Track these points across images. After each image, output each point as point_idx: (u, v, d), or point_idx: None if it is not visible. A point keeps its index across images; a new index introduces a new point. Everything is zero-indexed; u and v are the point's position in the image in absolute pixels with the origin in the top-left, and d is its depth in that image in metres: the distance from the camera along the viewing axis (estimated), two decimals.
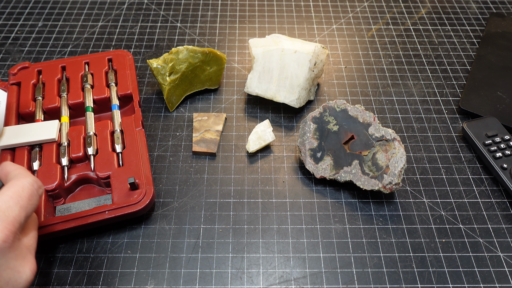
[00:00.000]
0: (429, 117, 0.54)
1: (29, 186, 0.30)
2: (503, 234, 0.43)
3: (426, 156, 0.49)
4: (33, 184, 0.30)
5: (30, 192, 0.30)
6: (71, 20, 0.66)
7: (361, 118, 0.45)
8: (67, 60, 0.54)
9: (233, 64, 0.60)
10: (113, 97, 0.50)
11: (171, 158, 0.48)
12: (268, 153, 0.49)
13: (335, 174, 0.45)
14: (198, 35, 0.64)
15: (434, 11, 0.70)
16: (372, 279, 0.39)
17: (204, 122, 0.51)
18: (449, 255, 0.41)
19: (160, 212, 0.44)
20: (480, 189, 0.46)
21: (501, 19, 0.67)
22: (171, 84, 0.51)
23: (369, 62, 0.61)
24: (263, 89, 0.51)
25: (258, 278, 0.39)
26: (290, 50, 0.50)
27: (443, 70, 0.60)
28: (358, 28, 0.66)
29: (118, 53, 0.54)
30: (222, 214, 0.44)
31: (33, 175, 0.31)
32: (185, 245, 0.41)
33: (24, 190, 0.29)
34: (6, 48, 0.61)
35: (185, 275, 0.39)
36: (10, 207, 0.28)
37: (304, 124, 0.47)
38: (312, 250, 0.41)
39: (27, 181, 0.30)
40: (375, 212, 0.44)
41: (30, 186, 0.30)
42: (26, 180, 0.30)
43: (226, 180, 0.47)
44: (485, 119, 0.51)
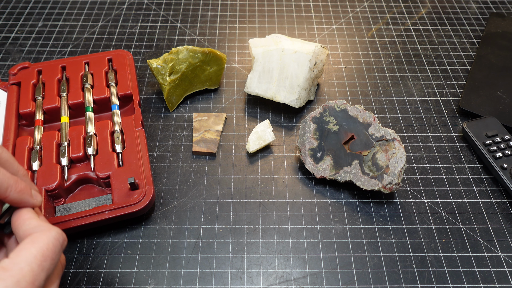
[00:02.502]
0: (429, 117, 0.54)
1: (55, 242, 0.27)
2: (503, 234, 0.43)
3: (426, 156, 0.49)
4: (58, 239, 0.27)
5: (55, 249, 0.27)
6: (71, 20, 0.66)
7: (361, 118, 0.45)
8: (67, 60, 0.54)
9: (233, 64, 0.60)
10: (113, 97, 0.50)
11: (171, 158, 0.48)
12: (268, 153, 0.49)
13: (335, 174, 0.45)
14: (198, 35, 0.64)
15: (434, 11, 0.70)
16: (372, 279, 0.39)
17: (204, 122, 0.51)
18: (449, 255, 0.41)
19: (160, 212, 0.44)
20: (480, 189, 0.46)
21: (501, 19, 0.67)
22: (171, 84, 0.51)
23: (369, 62, 0.61)
24: (263, 89, 0.51)
25: (258, 278, 0.39)
26: (290, 50, 0.50)
27: (443, 70, 0.60)
28: (358, 28, 0.66)
29: (118, 53, 0.54)
30: (222, 214, 0.44)
31: (57, 227, 0.28)
32: (185, 245, 0.41)
33: (49, 248, 0.26)
34: (6, 48, 0.61)
35: (185, 275, 0.39)
36: (33, 271, 0.25)
37: (304, 124, 0.47)
38: (312, 250, 0.41)
39: (52, 235, 0.27)
40: (375, 212, 0.44)
41: (56, 241, 0.27)
42: (51, 235, 0.27)
43: (226, 180, 0.47)
44: (485, 119, 0.51)
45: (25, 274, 0.24)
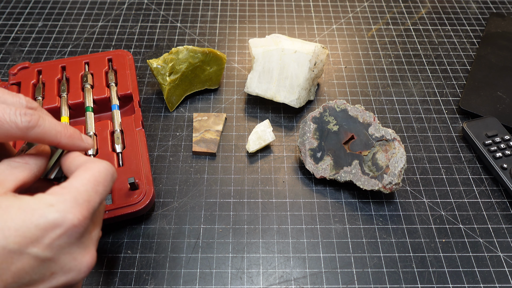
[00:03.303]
0: (429, 117, 0.54)
1: (105, 170, 0.27)
2: (503, 234, 0.43)
3: (426, 156, 0.49)
4: (109, 169, 0.28)
5: (106, 176, 0.27)
6: (71, 20, 0.66)
7: (361, 118, 0.45)
8: (67, 60, 0.54)
9: (233, 64, 0.60)
10: (113, 97, 0.50)
11: (171, 158, 0.48)
12: (268, 153, 0.49)
13: (335, 174, 0.45)
14: (198, 35, 0.64)
15: (434, 11, 0.70)
16: (372, 279, 0.39)
17: (204, 122, 0.51)
18: (449, 255, 0.41)
19: (160, 212, 0.44)
20: (480, 189, 0.46)
21: (501, 19, 0.67)
22: (171, 84, 0.51)
23: (369, 62, 0.61)
24: (263, 89, 0.51)
25: (258, 278, 0.39)
26: (290, 50, 0.50)
27: (443, 70, 0.60)
28: (358, 28, 0.66)
29: (118, 53, 0.54)
30: (222, 214, 0.44)
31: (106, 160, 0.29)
32: (185, 245, 0.41)
33: (100, 174, 0.27)
34: (6, 48, 0.61)
35: (185, 275, 0.39)
36: (87, 191, 0.26)
37: (304, 124, 0.47)
38: (312, 250, 0.41)
39: (102, 165, 0.28)
40: (375, 212, 0.44)
41: (106, 170, 0.28)
42: (102, 164, 0.28)
43: (226, 180, 0.47)
44: (485, 119, 0.51)
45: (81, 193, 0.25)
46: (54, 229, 0.24)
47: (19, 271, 0.23)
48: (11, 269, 0.23)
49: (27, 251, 0.23)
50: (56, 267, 0.24)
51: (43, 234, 0.23)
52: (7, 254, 0.22)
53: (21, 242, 0.23)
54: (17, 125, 0.25)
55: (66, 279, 0.25)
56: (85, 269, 0.26)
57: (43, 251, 0.23)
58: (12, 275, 0.23)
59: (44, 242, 0.23)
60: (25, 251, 0.23)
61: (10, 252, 0.22)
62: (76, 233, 0.25)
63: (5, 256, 0.22)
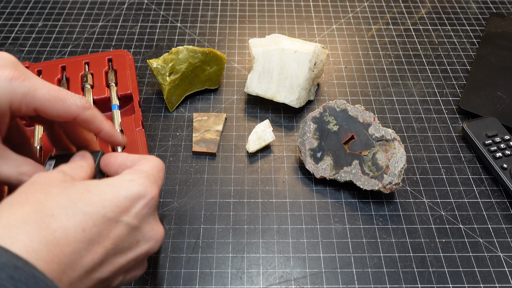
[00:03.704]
0: (429, 117, 0.54)
1: (161, 162, 0.31)
2: (503, 234, 0.43)
3: (426, 156, 0.49)
4: (162, 162, 0.32)
5: (163, 166, 0.31)
6: (71, 20, 0.66)
7: (361, 118, 0.45)
8: (67, 60, 0.54)
9: (233, 64, 0.60)
10: (113, 97, 0.50)
11: (171, 158, 0.48)
12: (268, 153, 0.49)
13: (335, 174, 0.45)
14: (198, 35, 0.64)
15: (434, 11, 0.70)
16: (372, 279, 0.39)
17: (204, 122, 0.51)
18: (449, 255, 0.41)
19: (160, 212, 0.44)
20: (480, 189, 0.46)
21: (501, 19, 0.67)
22: (171, 84, 0.51)
23: (369, 62, 0.61)
24: (263, 89, 0.51)
25: (258, 278, 0.39)
26: (290, 50, 0.50)
27: (443, 70, 0.60)
28: (358, 28, 0.66)
29: (118, 53, 0.54)
30: (222, 214, 0.44)
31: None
32: (185, 245, 0.41)
33: (160, 164, 0.31)
34: (6, 48, 0.61)
35: (185, 275, 0.39)
36: (154, 175, 0.29)
37: (304, 124, 0.47)
38: (312, 250, 0.41)
39: (158, 159, 0.31)
40: (375, 212, 0.44)
41: (162, 162, 0.31)
42: (157, 158, 0.32)
43: (226, 180, 0.47)
44: (485, 119, 0.51)
45: (151, 175, 0.29)
46: (139, 200, 0.27)
47: (116, 237, 0.26)
48: (110, 235, 0.25)
49: (120, 219, 0.26)
50: (140, 235, 0.28)
51: (131, 204, 0.27)
52: (107, 222, 0.25)
53: (116, 211, 0.26)
54: (77, 104, 0.30)
55: (148, 247, 0.28)
56: (160, 238, 0.29)
57: (132, 219, 0.27)
58: (111, 242, 0.25)
59: (133, 212, 0.27)
60: (119, 219, 0.26)
61: (109, 220, 0.25)
62: (154, 205, 0.28)
63: (105, 224, 0.25)
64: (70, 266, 0.23)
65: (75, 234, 0.24)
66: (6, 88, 0.28)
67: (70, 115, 0.30)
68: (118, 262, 0.26)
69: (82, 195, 0.26)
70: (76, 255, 0.24)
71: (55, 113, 0.30)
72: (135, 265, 0.29)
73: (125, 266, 0.27)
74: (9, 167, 0.29)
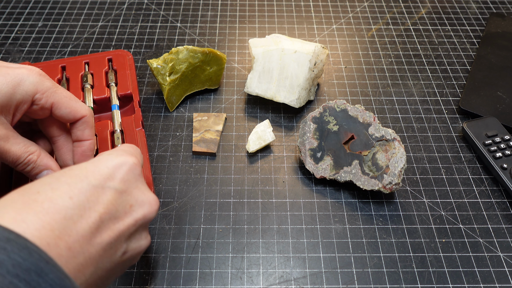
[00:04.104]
0: (429, 117, 0.54)
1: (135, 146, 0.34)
2: (503, 234, 0.43)
3: (426, 156, 0.49)
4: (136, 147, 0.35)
5: (138, 149, 0.34)
6: (71, 20, 0.66)
7: (361, 118, 0.45)
8: (67, 60, 0.54)
9: (233, 64, 0.60)
10: (113, 97, 0.50)
11: (171, 158, 0.48)
12: (268, 153, 0.49)
13: (335, 174, 0.45)
14: (198, 35, 0.64)
15: (434, 11, 0.70)
16: (372, 279, 0.39)
17: (204, 122, 0.51)
18: (449, 255, 0.41)
19: (160, 212, 0.44)
20: (480, 189, 0.46)
21: (501, 19, 0.67)
22: (171, 84, 0.51)
23: (369, 62, 0.61)
24: (263, 89, 0.51)
25: (258, 278, 0.39)
26: (290, 50, 0.50)
27: (443, 70, 0.60)
28: (358, 28, 0.66)
29: (118, 53, 0.54)
30: (222, 214, 0.44)
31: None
32: (185, 245, 0.41)
33: (134, 146, 0.34)
34: (6, 48, 0.61)
35: (185, 275, 0.39)
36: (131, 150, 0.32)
37: (304, 124, 0.47)
38: (312, 250, 0.41)
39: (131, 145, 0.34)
40: (375, 212, 0.44)
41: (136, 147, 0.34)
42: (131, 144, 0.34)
43: (226, 180, 0.47)
44: (485, 119, 0.51)
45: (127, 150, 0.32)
46: (121, 167, 0.29)
47: (107, 202, 0.27)
48: (100, 201, 0.26)
49: (106, 185, 0.27)
50: (132, 199, 0.29)
51: (114, 171, 0.28)
52: (93, 189, 0.26)
53: (99, 179, 0.27)
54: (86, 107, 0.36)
55: (143, 211, 0.29)
56: (153, 202, 0.30)
57: (119, 184, 0.28)
58: (103, 207, 0.26)
59: (117, 177, 0.28)
60: (105, 185, 0.27)
61: (96, 187, 0.27)
62: (138, 171, 0.30)
63: (92, 190, 0.26)
64: (64, 231, 0.24)
65: (63, 202, 0.25)
66: (35, 79, 0.33)
67: (79, 115, 0.36)
68: (117, 228, 0.27)
69: (65, 172, 0.27)
70: (68, 221, 0.24)
71: (67, 110, 0.35)
72: (136, 233, 0.29)
73: (126, 232, 0.28)
74: (19, 147, 0.33)
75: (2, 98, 0.32)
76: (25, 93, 0.33)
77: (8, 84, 0.32)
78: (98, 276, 0.26)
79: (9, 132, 0.33)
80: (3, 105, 0.32)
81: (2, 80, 0.32)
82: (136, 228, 0.29)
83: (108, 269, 0.27)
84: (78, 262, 0.24)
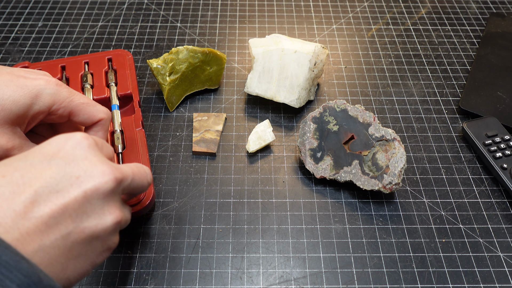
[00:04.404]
0: (429, 117, 0.54)
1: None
2: (503, 234, 0.43)
3: (426, 156, 0.49)
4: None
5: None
6: (71, 20, 0.66)
7: (361, 118, 0.45)
8: (67, 60, 0.53)
9: (233, 64, 0.60)
10: (113, 97, 0.50)
11: (171, 158, 0.48)
12: (268, 153, 0.49)
13: (335, 174, 0.45)
14: (198, 35, 0.64)
15: (434, 11, 0.70)
16: (372, 279, 0.39)
17: (204, 122, 0.51)
18: (449, 255, 0.41)
19: (160, 212, 0.44)
20: (480, 189, 0.46)
21: (501, 19, 0.67)
22: (171, 84, 0.51)
23: (369, 62, 0.61)
24: (263, 89, 0.51)
25: (258, 278, 0.39)
26: (290, 50, 0.50)
27: (443, 70, 0.60)
28: (358, 28, 0.66)
29: (118, 53, 0.54)
30: (222, 214, 0.44)
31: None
32: (185, 245, 0.41)
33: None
34: (6, 48, 0.61)
35: (185, 275, 0.39)
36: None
37: (304, 124, 0.47)
38: (312, 250, 0.41)
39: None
40: (375, 212, 0.44)
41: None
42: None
43: (226, 180, 0.47)
44: (485, 119, 0.51)
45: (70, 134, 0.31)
46: (66, 142, 0.28)
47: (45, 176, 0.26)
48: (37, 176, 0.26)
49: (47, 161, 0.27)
50: (79, 171, 0.27)
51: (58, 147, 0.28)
52: (29, 165, 0.26)
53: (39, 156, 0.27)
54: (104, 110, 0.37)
55: (94, 182, 0.27)
56: (107, 172, 0.28)
57: (61, 158, 0.27)
58: (40, 180, 0.26)
59: (61, 152, 0.28)
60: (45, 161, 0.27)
61: (32, 164, 0.26)
62: (89, 144, 0.29)
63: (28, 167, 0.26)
64: None
65: None
66: (53, 90, 0.34)
67: (96, 118, 0.36)
68: (60, 201, 0.26)
69: (11, 158, 0.27)
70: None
71: (86, 116, 0.36)
72: (92, 206, 0.27)
73: (74, 205, 0.26)
74: None
75: (20, 109, 0.32)
76: (42, 104, 0.33)
77: (26, 95, 0.32)
78: (55, 255, 0.25)
79: (22, 141, 0.34)
80: (19, 116, 0.32)
81: (20, 91, 0.32)
82: (89, 201, 0.27)
83: (66, 248, 0.26)
84: (14, 237, 0.23)
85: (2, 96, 0.32)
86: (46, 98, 0.33)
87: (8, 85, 0.32)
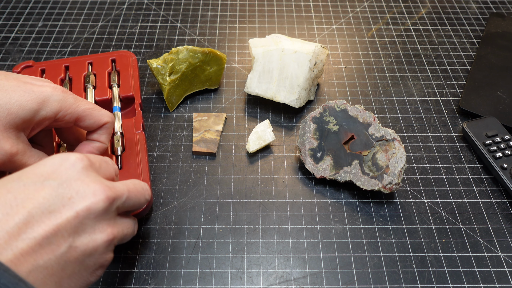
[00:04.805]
0: (429, 117, 0.54)
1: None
2: (503, 234, 0.43)
3: (426, 156, 0.49)
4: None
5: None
6: (71, 20, 0.66)
7: (361, 118, 0.45)
8: (71, 60, 0.53)
9: (233, 64, 0.60)
10: (114, 99, 0.50)
11: (171, 158, 0.49)
12: (268, 153, 0.49)
13: (335, 174, 0.45)
14: (198, 35, 0.64)
15: (434, 11, 0.70)
16: (372, 279, 0.39)
17: (204, 122, 0.51)
18: (449, 255, 0.41)
19: (160, 212, 0.44)
20: (480, 189, 0.46)
21: (501, 19, 0.67)
22: (171, 84, 0.51)
23: (369, 62, 0.61)
24: (263, 89, 0.51)
25: (258, 278, 0.39)
26: (290, 50, 0.50)
27: (443, 70, 0.60)
28: (358, 28, 0.66)
29: (122, 54, 0.54)
30: (222, 214, 0.44)
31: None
32: (185, 245, 0.41)
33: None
34: (6, 48, 0.61)
35: (185, 275, 0.39)
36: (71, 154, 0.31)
37: (304, 124, 0.47)
38: (312, 250, 0.41)
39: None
40: (375, 212, 0.44)
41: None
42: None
43: (226, 180, 0.47)
44: (485, 119, 0.51)
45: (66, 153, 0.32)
46: (61, 163, 0.29)
47: (38, 197, 0.26)
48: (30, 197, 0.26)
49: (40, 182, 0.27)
50: (70, 192, 0.28)
51: (52, 169, 0.28)
52: (22, 187, 0.27)
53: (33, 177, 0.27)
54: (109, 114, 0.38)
55: (86, 203, 0.28)
56: (99, 192, 0.28)
57: (54, 180, 0.28)
58: (34, 202, 0.26)
59: (54, 174, 0.28)
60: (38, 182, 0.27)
61: (25, 185, 0.27)
62: (84, 165, 0.29)
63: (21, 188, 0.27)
64: None
65: None
66: (59, 97, 0.34)
67: (102, 122, 0.37)
68: (53, 222, 0.26)
69: (5, 178, 0.28)
70: None
71: (92, 121, 0.36)
72: (84, 226, 0.28)
73: (66, 225, 0.26)
74: (34, 159, 0.35)
75: (26, 114, 0.32)
76: (49, 110, 0.34)
77: (33, 101, 0.33)
78: (48, 275, 0.25)
79: (25, 146, 0.34)
80: (25, 121, 0.33)
81: (26, 96, 0.33)
82: (81, 221, 0.27)
83: (59, 267, 0.26)
84: (7, 258, 0.24)
85: (9, 100, 0.32)
86: (53, 105, 0.34)
87: (15, 90, 0.33)
